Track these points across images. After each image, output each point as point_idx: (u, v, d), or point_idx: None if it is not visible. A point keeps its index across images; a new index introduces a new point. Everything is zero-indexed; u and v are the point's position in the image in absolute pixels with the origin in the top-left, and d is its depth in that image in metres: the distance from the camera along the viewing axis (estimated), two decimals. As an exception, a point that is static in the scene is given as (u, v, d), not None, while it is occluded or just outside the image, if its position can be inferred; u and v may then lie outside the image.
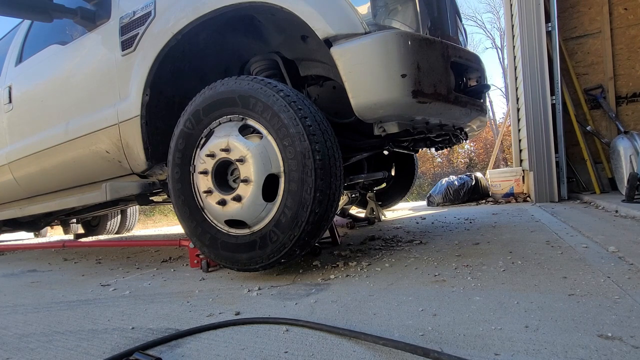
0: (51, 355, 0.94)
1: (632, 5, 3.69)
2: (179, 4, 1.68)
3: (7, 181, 2.66)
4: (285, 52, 1.90)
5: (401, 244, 1.93)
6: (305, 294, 1.24)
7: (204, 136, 1.55)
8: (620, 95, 3.77)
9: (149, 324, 1.10)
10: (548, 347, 0.73)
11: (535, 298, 0.99)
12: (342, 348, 0.81)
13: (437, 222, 2.77)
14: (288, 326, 0.96)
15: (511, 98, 4.56)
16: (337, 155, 1.43)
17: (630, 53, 3.72)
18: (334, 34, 1.40)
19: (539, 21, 3.55)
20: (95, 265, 2.29)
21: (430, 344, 0.79)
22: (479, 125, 1.97)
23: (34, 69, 2.39)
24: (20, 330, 1.16)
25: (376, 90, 1.38)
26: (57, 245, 2.77)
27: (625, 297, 0.95)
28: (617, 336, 0.74)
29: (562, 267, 1.25)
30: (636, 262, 1.22)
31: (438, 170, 16.20)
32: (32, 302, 1.51)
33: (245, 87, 1.44)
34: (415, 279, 1.28)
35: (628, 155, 3.26)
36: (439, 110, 1.51)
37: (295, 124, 1.34)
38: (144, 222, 11.35)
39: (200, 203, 1.56)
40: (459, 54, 1.60)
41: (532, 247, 1.60)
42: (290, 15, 1.46)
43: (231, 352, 0.85)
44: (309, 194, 1.32)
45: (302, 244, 1.38)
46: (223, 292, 1.36)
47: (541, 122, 3.57)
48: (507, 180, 4.23)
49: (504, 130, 7.53)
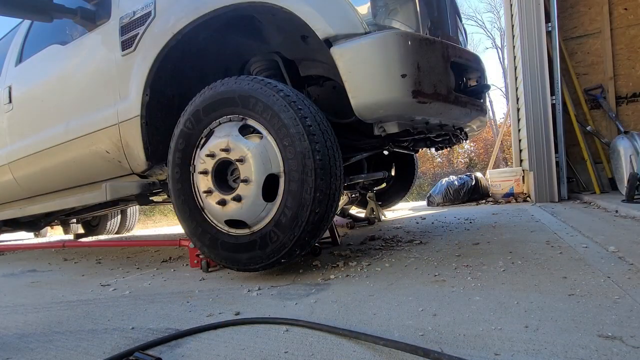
0: (51, 355, 0.94)
1: (632, 5, 3.69)
2: (179, 4, 1.68)
3: (7, 181, 2.66)
4: (285, 52, 1.90)
5: (401, 244, 1.93)
6: (305, 294, 1.24)
7: (204, 136, 1.55)
8: (620, 95, 3.77)
9: (149, 324, 1.10)
10: (548, 347, 0.73)
11: (535, 298, 0.99)
12: (342, 348, 0.81)
13: (437, 222, 2.77)
14: (288, 326, 0.96)
15: (511, 98, 4.56)
16: (337, 155, 1.42)
17: (630, 53, 3.72)
18: (334, 34, 1.40)
19: (539, 21, 3.55)
20: (95, 265, 2.29)
21: (430, 344, 0.79)
22: (479, 125, 1.97)
23: (34, 69, 2.39)
24: (20, 330, 1.16)
25: (376, 90, 1.38)
26: (57, 245, 2.77)
27: (625, 297, 0.95)
28: (617, 336, 0.74)
29: (562, 267, 1.25)
30: (636, 262, 1.22)
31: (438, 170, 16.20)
32: (32, 302, 1.51)
33: (245, 87, 1.44)
34: (415, 279, 1.28)
35: (628, 155, 3.26)
36: (439, 110, 1.51)
37: (295, 124, 1.34)
38: (144, 222, 11.35)
39: (200, 203, 1.56)
40: (459, 54, 1.60)
41: (532, 247, 1.60)
42: (290, 15, 1.46)
43: (231, 352, 0.85)
44: (309, 194, 1.32)
45: (302, 244, 1.38)
46: (223, 292, 1.36)
47: (541, 122, 3.57)
48: (507, 180, 4.23)
49: (504, 130, 7.53)
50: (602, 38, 3.78)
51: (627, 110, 3.76)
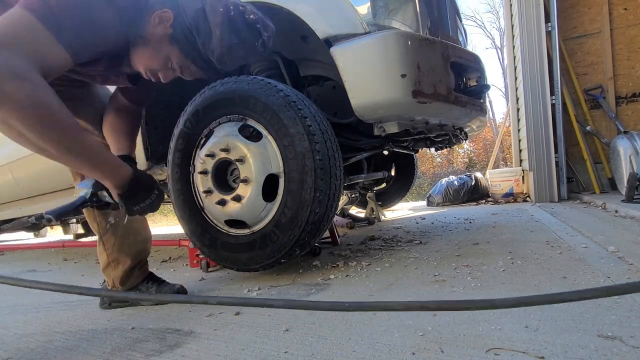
0: (51, 355, 0.94)
1: (632, 5, 3.69)
2: (178, 4, 1.68)
3: (7, 181, 2.66)
4: (285, 52, 1.90)
5: (401, 244, 1.93)
6: (305, 294, 1.24)
7: (204, 136, 1.55)
8: (620, 95, 3.76)
9: (149, 324, 1.10)
10: (548, 347, 0.73)
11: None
12: (342, 348, 0.81)
13: (437, 222, 2.77)
14: (287, 326, 0.96)
15: (511, 98, 4.56)
16: (337, 155, 1.43)
17: (630, 53, 3.72)
18: (334, 34, 1.40)
19: (538, 21, 3.55)
20: (95, 265, 2.29)
21: (431, 343, 0.79)
22: (479, 125, 1.98)
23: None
24: (20, 330, 1.16)
25: (376, 90, 1.38)
26: (57, 245, 2.77)
27: (625, 297, 0.95)
28: (617, 336, 0.74)
29: (561, 267, 1.25)
30: (636, 262, 1.22)
31: (438, 170, 16.20)
32: (32, 302, 1.51)
33: (245, 87, 1.44)
34: (415, 279, 1.28)
35: (628, 155, 3.26)
36: (439, 110, 1.51)
37: (295, 124, 1.34)
38: (144, 222, 11.32)
39: (200, 203, 1.56)
40: (459, 54, 1.60)
41: (532, 247, 1.60)
42: (290, 15, 1.46)
43: (231, 352, 0.85)
44: (309, 194, 1.32)
45: (302, 244, 1.38)
46: (223, 292, 1.36)
47: (541, 122, 3.57)
48: (507, 180, 4.23)
49: (503, 130, 7.53)
50: (602, 38, 3.77)
51: (627, 110, 3.76)
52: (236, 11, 1.03)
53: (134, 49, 0.99)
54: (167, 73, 1.04)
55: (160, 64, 1.02)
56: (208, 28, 1.00)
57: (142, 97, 1.27)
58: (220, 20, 1.00)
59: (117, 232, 1.27)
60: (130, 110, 1.25)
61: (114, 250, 1.29)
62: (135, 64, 1.02)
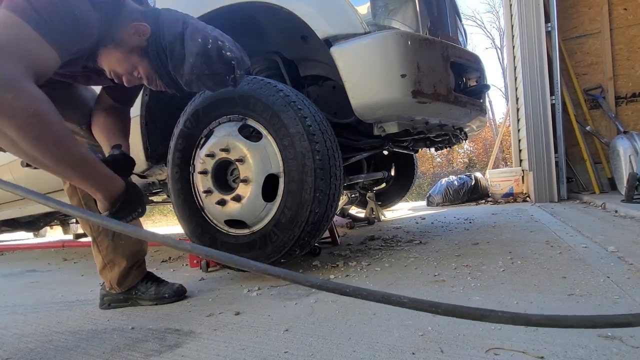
0: (51, 355, 0.94)
1: (632, 5, 3.69)
2: (179, 4, 1.67)
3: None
4: (285, 52, 1.90)
5: (401, 244, 1.93)
6: (305, 293, 1.24)
7: (204, 136, 1.55)
8: (619, 95, 3.77)
9: (149, 324, 1.10)
10: (548, 347, 0.73)
11: (535, 298, 0.99)
12: (342, 348, 0.81)
13: (437, 222, 2.77)
14: (287, 326, 0.96)
15: (511, 98, 4.56)
16: (337, 155, 1.42)
17: (630, 53, 3.72)
18: (333, 34, 1.40)
19: (538, 21, 3.55)
20: (94, 265, 2.29)
21: (430, 343, 0.79)
22: (479, 125, 1.97)
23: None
24: (20, 330, 1.16)
25: (376, 90, 1.38)
26: (56, 245, 2.77)
27: (625, 297, 0.95)
28: (617, 336, 0.74)
29: (561, 267, 1.25)
30: (636, 262, 1.22)
31: (438, 170, 16.19)
32: (32, 302, 1.51)
33: (245, 87, 1.44)
34: (415, 279, 1.28)
35: (627, 155, 3.26)
36: (439, 110, 1.51)
37: (295, 124, 1.34)
38: (144, 222, 11.35)
39: (200, 203, 1.56)
40: (458, 54, 1.60)
41: (532, 247, 1.60)
42: (290, 15, 1.46)
43: (231, 352, 0.85)
44: (308, 194, 1.32)
45: (302, 244, 1.38)
46: (223, 292, 1.36)
47: (541, 122, 3.57)
48: (507, 180, 4.24)
49: (503, 130, 7.53)
50: (602, 38, 3.78)
51: (627, 110, 3.76)
52: (214, 45, 1.04)
53: (104, 48, 0.98)
54: (131, 79, 1.03)
55: (125, 70, 1.01)
56: (182, 54, 1.01)
57: (126, 97, 1.26)
58: (196, 51, 1.01)
59: (110, 234, 1.27)
60: (119, 110, 1.24)
61: (108, 252, 1.28)
62: (101, 62, 1.01)
